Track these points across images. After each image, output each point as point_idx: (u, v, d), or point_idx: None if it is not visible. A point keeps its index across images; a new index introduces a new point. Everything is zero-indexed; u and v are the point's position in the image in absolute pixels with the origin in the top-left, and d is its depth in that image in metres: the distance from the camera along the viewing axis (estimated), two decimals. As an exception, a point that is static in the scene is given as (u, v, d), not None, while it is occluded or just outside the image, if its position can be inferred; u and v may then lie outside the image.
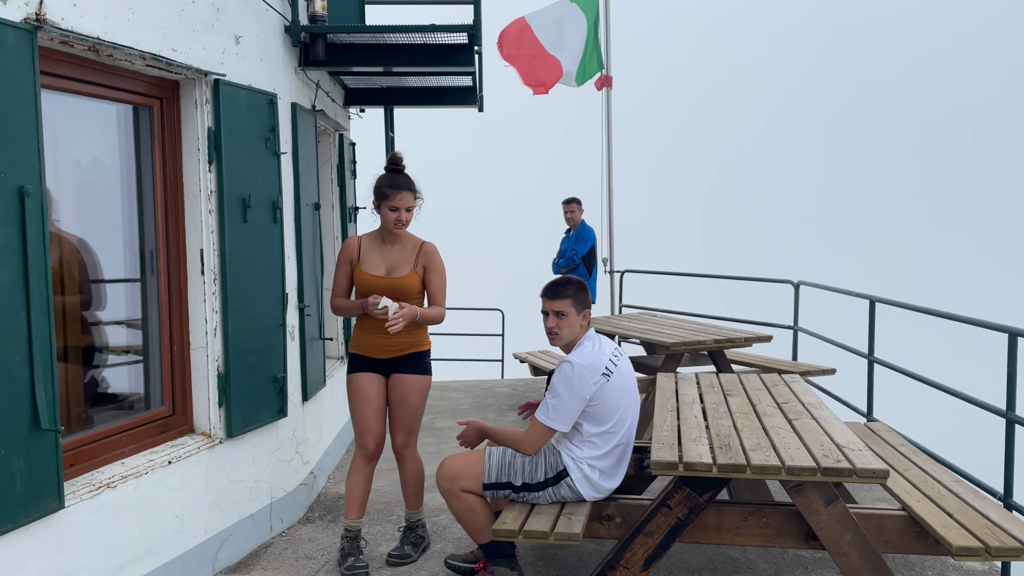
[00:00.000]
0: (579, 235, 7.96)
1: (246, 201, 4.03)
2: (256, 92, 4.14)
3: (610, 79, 9.45)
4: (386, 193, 3.76)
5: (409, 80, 6.23)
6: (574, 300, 3.52)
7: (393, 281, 3.80)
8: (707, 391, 4.59)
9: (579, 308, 3.52)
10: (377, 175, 3.88)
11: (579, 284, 3.57)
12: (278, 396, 4.36)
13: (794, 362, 7.09)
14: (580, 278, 3.66)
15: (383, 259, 3.84)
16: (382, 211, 3.79)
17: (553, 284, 3.58)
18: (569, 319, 3.52)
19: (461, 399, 8.13)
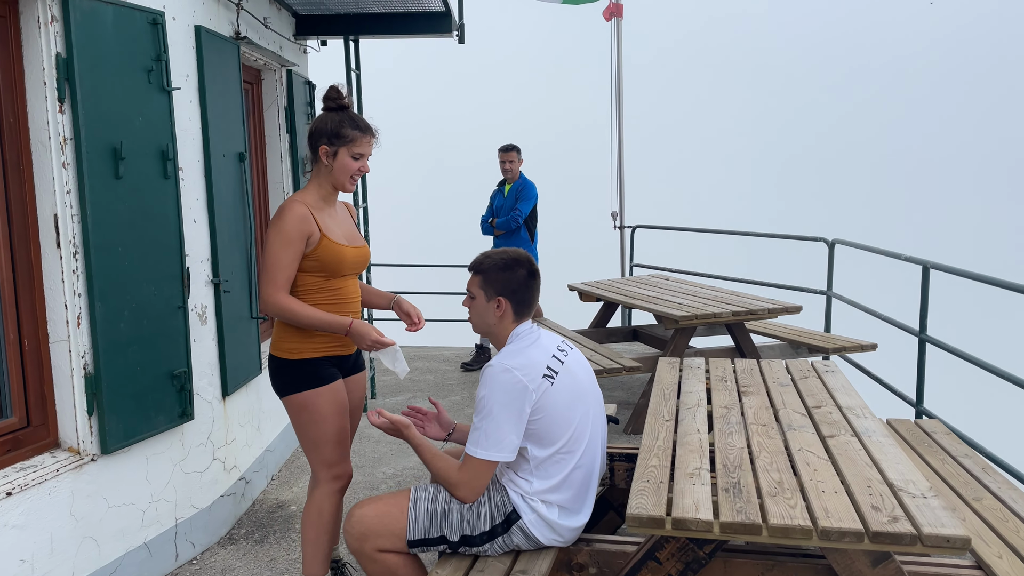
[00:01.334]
0: (521, 191, 6.76)
1: (117, 151, 3.13)
2: (131, 8, 3.21)
3: (620, 7, 8.36)
4: (351, 136, 2.86)
5: (370, 4, 5.25)
6: (483, 281, 2.66)
7: (360, 251, 2.99)
8: (717, 386, 3.67)
9: (489, 293, 2.65)
10: (319, 115, 2.94)
11: (499, 263, 2.66)
12: (179, 396, 3.52)
13: (827, 335, 6.13)
14: (518, 252, 2.73)
15: (336, 224, 2.94)
16: (338, 159, 2.88)
17: (476, 258, 2.74)
18: (476, 304, 2.69)
19: (448, 372, 7.30)
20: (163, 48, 3.36)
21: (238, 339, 4.13)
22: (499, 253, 2.70)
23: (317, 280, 2.90)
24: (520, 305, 2.67)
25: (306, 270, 2.88)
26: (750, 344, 5.74)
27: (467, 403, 6.27)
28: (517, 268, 2.67)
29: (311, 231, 2.83)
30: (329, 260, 2.87)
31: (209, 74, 3.82)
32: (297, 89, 5.36)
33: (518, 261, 2.68)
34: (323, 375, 2.89)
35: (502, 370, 2.54)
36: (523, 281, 2.66)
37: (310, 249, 2.84)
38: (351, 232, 3.03)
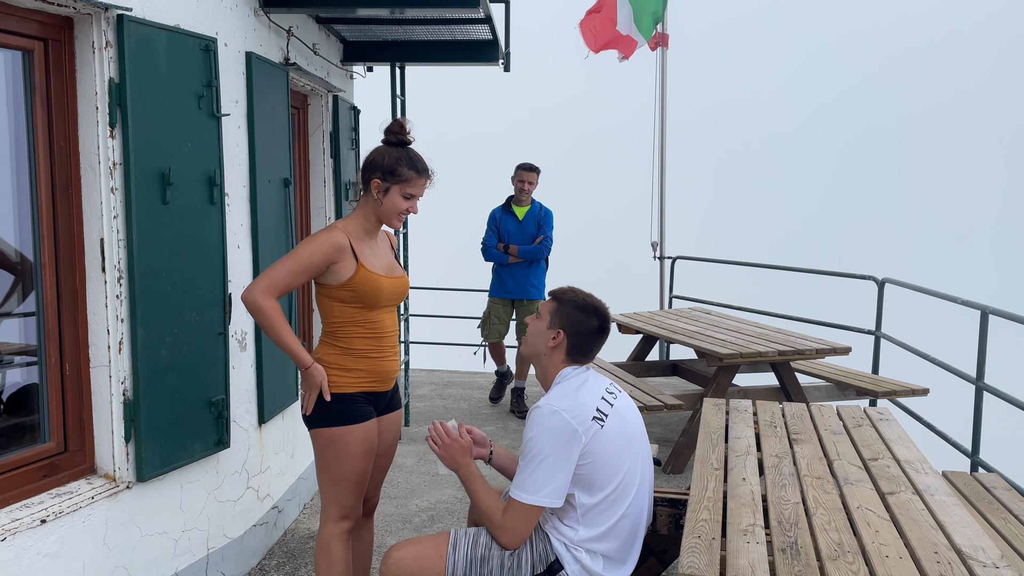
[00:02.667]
0: (544, 216, 6.37)
1: (166, 176, 3.12)
2: (184, 35, 3.21)
3: (666, 38, 8.31)
4: (405, 176, 2.82)
5: (418, 32, 5.26)
6: (556, 308, 2.62)
7: (399, 281, 2.95)
8: (766, 432, 3.54)
9: (555, 321, 2.58)
10: (377, 147, 2.90)
11: (579, 302, 2.62)
12: (216, 423, 3.48)
13: (876, 376, 5.95)
14: (602, 304, 2.69)
15: (375, 255, 2.90)
16: (389, 196, 2.84)
17: (562, 287, 2.71)
18: (538, 324, 2.65)
19: (482, 400, 7.22)
20: (214, 74, 3.37)
21: (276, 365, 4.09)
22: (585, 294, 2.65)
23: (355, 312, 2.85)
24: (576, 349, 2.61)
25: (344, 301, 2.83)
26: (796, 384, 5.58)
27: (501, 434, 6.17)
28: (592, 316, 2.61)
29: (339, 261, 2.78)
30: (366, 291, 2.82)
31: (258, 100, 3.82)
32: (343, 114, 5.36)
33: (597, 311, 2.62)
34: (357, 413, 2.83)
35: (550, 412, 2.47)
36: (591, 330, 2.60)
37: (346, 279, 2.80)
38: (390, 263, 2.98)
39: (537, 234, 6.36)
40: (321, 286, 2.85)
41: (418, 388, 7.57)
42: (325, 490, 2.89)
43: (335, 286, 2.83)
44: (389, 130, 2.84)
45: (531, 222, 6.38)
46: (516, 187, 6.38)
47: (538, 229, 6.37)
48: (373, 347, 2.90)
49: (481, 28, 5.08)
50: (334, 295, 2.84)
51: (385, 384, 2.97)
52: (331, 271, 2.80)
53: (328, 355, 2.87)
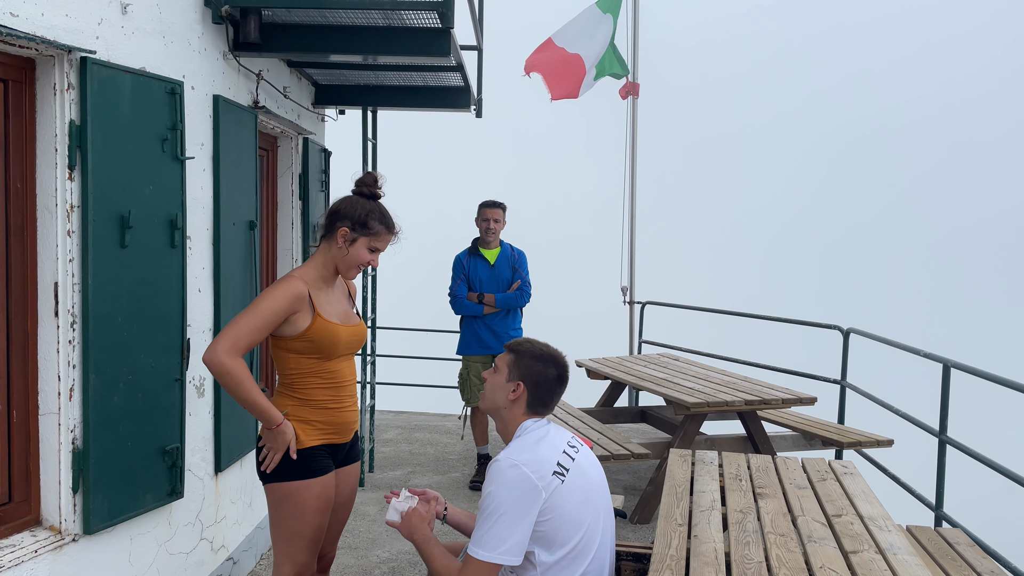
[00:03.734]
0: (518, 257, 5.80)
1: (125, 219, 3.07)
2: (150, 78, 3.19)
3: (636, 87, 8.45)
4: (375, 230, 2.81)
5: (390, 77, 5.28)
6: (514, 360, 2.58)
7: (356, 329, 2.90)
8: (732, 486, 3.51)
9: (513, 374, 2.56)
10: (348, 196, 2.87)
11: (536, 353, 2.60)
12: (169, 472, 3.37)
13: (841, 427, 5.97)
14: (559, 353, 2.66)
15: (331, 303, 2.85)
16: (355, 247, 2.81)
17: (518, 340, 2.68)
18: (496, 378, 2.60)
19: (450, 445, 7.12)
20: (179, 117, 3.34)
21: (235, 411, 4.00)
22: (542, 345, 2.62)
23: (312, 363, 2.80)
24: (536, 400, 2.58)
25: (301, 352, 2.78)
26: (762, 434, 5.58)
27: (466, 481, 6.07)
28: (551, 365, 2.58)
29: (300, 311, 2.73)
30: (323, 341, 2.77)
31: (224, 143, 3.79)
32: (312, 157, 5.35)
33: (556, 361, 2.60)
34: (316, 466, 2.76)
35: (510, 465, 2.42)
36: (550, 379, 2.57)
37: (302, 329, 2.74)
38: (346, 311, 2.94)
39: (513, 279, 5.74)
40: (276, 338, 2.79)
41: (384, 432, 7.46)
42: (279, 546, 2.80)
43: (291, 337, 2.77)
44: (362, 182, 2.83)
45: (505, 266, 5.74)
46: (481, 227, 5.74)
47: (513, 273, 5.76)
48: (332, 397, 2.84)
49: (453, 75, 5.11)
50: (290, 346, 2.78)
51: (344, 435, 2.91)
52: (288, 322, 2.75)
53: (285, 407, 2.80)
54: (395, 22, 3.84)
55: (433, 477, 6.17)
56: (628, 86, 8.46)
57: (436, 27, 3.85)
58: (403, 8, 3.61)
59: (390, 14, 3.70)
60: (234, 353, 2.63)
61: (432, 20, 3.78)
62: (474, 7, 4.86)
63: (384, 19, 3.79)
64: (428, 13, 3.69)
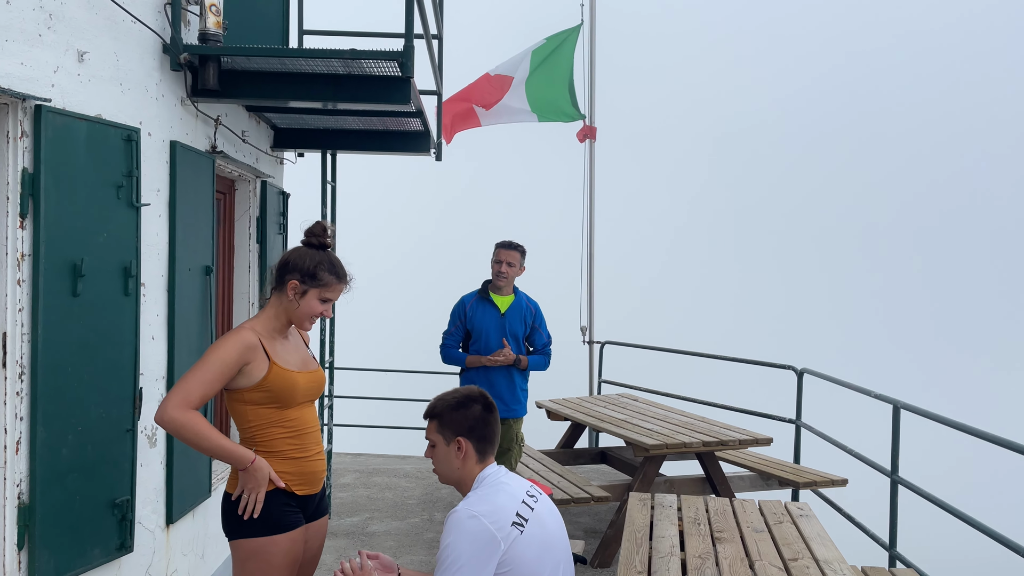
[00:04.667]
0: (536, 311, 5.13)
1: (78, 267, 3.02)
2: (105, 125, 3.17)
3: (594, 130, 8.61)
4: (325, 281, 2.79)
5: (350, 122, 5.31)
6: (440, 425, 2.58)
7: (314, 376, 2.88)
8: (691, 530, 3.54)
9: (448, 435, 2.57)
10: (297, 248, 2.86)
11: (452, 404, 2.61)
12: (119, 526, 3.29)
13: (797, 467, 6.06)
14: (470, 389, 2.67)
15: (287, 351, 2.83)
16: (306, 299, 2.79)
17: (429, 403, 2.66)
18: (438, 451, 2.60)
19: (409, 489, 7.04)
20: (135, 164, 3.32)
21: (188, 462, 3.92)
22: (451, 393, 2.63)
23: (271, 413, 2.77)
24: (481, 442, 2.59)
25: (259, 403, 2.75)
26: (720, 475, 5.64)
27: (427, 527, 6.01)
28: (471, 404, 2.59)
29: (251, 361, 2.71)
30: (281, 389, 2.75)
31: (181, 188, 3.77)
32: (271, 200, 5.34)
33: (471, 397, 2.61)
34: (285, 521, 2.71)
35: (468, 516, 2.42)
36: (480, 417, 2.58)
37: (259, 379, 2.72)
38: (304, 357, 2.92)
39: (524, 334, 5.04)
40: (232, 391, 2.76)
41: (341, 476, 7.35)
42: None
43: (248, 388, 2.74)
44: (311, 232, 2.83)
45: (516, 318, 5.00)
46: (493, 270, 5.02)
47: (528, 331, 5.05)
48: (296, 446, 2.80)
49: (413, 120, 5.16)
50: (247, 398, 2.75)
51: (314, 486, 2.86)
52: (243, 373, 2.72)
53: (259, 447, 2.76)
54: (355, 70, 3.88)
55: (391, 523, 6.09)
56: (585, 129, 8.62)
57: (396, 75, 3.90)
58: (363, 58, 3.66)
59: (350, 63, 3.74)
60: (186, 407, 2.59)
61: (392, 69, 3.82)
62: (433, 54, 4.93)
63: (344, 67, 3.83)
64: (388, 62, 3.74)
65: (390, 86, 3.97)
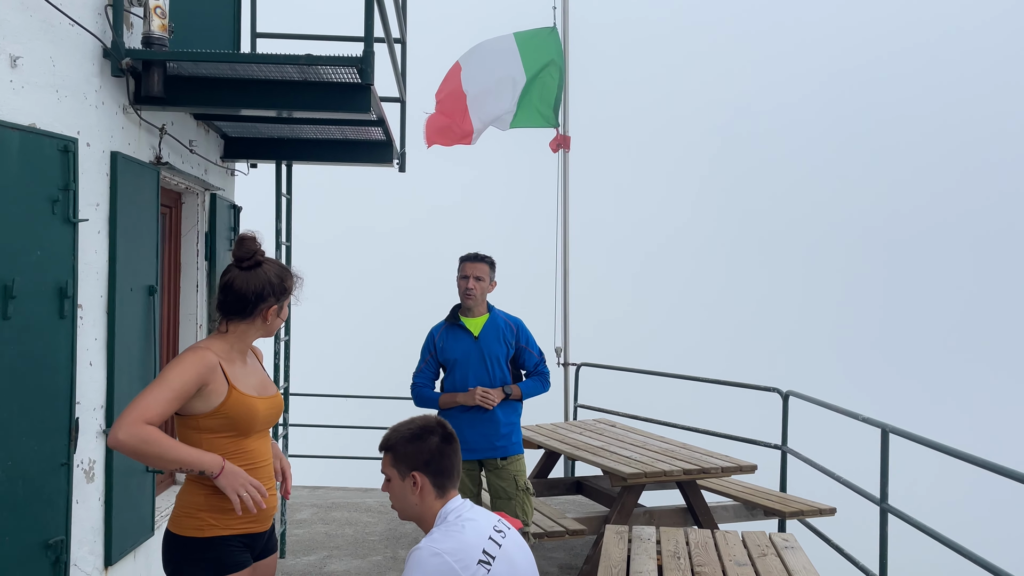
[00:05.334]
0: (518, 328, 4.72)
1: (8, 289, 2.98)
2: (40, 135, 3.14)
3: (567, 139, 8.68)
4: (291, 285, 2.91)
5: (306, 130, 5.31)
6: (394, 458, 2.57)
7: (274, 401, 2.89)
8: (669, 564, 3.56)
9: (403, 470, 2.57)
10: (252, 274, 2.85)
11: (407, 436, 2.59)
12: (52, 569, 3.23)
13: (783, 495, 6.12)
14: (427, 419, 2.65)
15: (245, 375, 2.82)
16: (283, 312, 2.91)
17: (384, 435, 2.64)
18: (393, 487, 2.59)
19: (371, 524, 6.98)
20: (72, 177, 3.29)
21: (129, 497, 3.87)
22: (406, 424, 2.62)
23: (227, 442, 2.75)
24: (439, 476, 2.57)
25: (214, 431, 2.73)
26: (703, 505, 5.67)
27: (391, 565, 5.96)
28: (428, 436, 2.58)
29: (211, 383, 2.70)
30: (240, 415, 2.73)
31: (123, 203, 3.74)
32: (220, 214, 5.31)
33: (427, 428, 2.60)
34: (232, 561, 2.69)
35: (432, 554, 2.41)
36: (437, 449, 2.58)
37: (217, 404, 2.70)
38: (262, 381, 2.92)
39: (508, 355, 4.65)
40: (186, 417, 2.73)
41: (298, 512, 7.28)
42: None
43: (204, 414, 2.72)
44: (241, 257, 2.80)
45: (493, 339, 4.62)
46: (460, 287, 4.65)
47: (513, 351, 4.67)
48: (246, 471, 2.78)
49: (374, 129, 5.18)
50: (202, 425, 2.73)
51: (264, 523, 2.85)
52: (200, 396, 2.70)
53: (197, 497, 2.72)
54: (311, 77, 3.89)
55: (352, 562, 6.03)
56: (559, 139, 8.69)
57: (355, 82, 3.91)
58: (320, 63, 3.66)
59: (306, 69, 3.75)
60: (144, 422, 2.54)
61: (351, 75, 3.83)
62: (396, 59, 4.95)
63: (300, 74, 3.84)
64: (347, 68, 3.75)
65: (349, 93, 3.98)
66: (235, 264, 2.83)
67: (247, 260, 2.81)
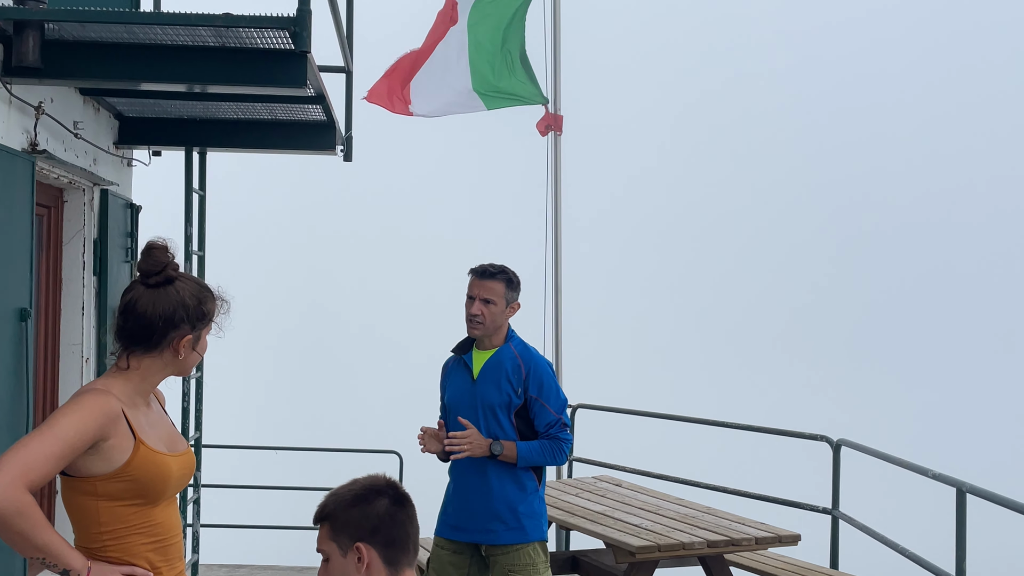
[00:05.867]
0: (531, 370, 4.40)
1: None
2: None
3: (559, 119, 8.71)
4: (212, 311, 2.86)
5: (224, 109, 5.32)
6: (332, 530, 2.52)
7: (186, 460, 2.88)
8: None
9: (344, 543, 2.54)
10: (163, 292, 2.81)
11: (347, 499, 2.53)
12: None
13: (835, 572, 6.13)
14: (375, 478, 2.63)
15: (152, 426, 2.80)
16: (200, 345, 2.85)
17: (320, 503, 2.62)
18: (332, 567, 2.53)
19: (308, 614, 6.94)
20: (-79, 170, 3.26)
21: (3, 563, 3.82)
22: (346, 486, 2.59)
23: (132, 513, 2.70)
24: (390, 547, 2.57)
25: (116, 497, 2.68)
26: (732, 588, 5.68)
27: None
28: (375, 498, 2.55)
29: (112, 437, 2.65)
30: (149, 478, 2.69)
31: (-14, 203, 3.72)
32: (114, 215, 5.30)
33: (374, 488, 2.56)
34: None
35: None
36: (386, 513, 2.57)
37: (120, 464, 2.66)
38: (170, 433, 2.89)
39: (510, 405, 4.38)
40: (78, 480, 2.68)
41: (213, 598, 7.22)
42: None
43: (102, 476, 2.67)
44: (148, 272, 2.78)
45: (491, 380, 4.40)
46: (465, 311, 4.48)
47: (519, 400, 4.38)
48: (160, 560, 2.76)
49: (312, 108, 5.18)
50: (100, 490, 2.68)
51: None
52: (97, 453, 2.64)
53: None
54: (231, 41, 3.90)
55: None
56: (548, 118, 8.72)
57: (288, 49, 3.92)
58: (242, 25, 3.67)
59: (224, 32, 3.76)
60: (24, 487, 2.48)
61: (282, 40, 3.84)
62: (340, 21, 4.96)
63: (216, 38, 3.84)
64: (276, 31, 3.76)
65: (279, 62, 4.00)
66: (140, 280, 2.80)
67: (155, 275, 2.78)
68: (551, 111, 8.71)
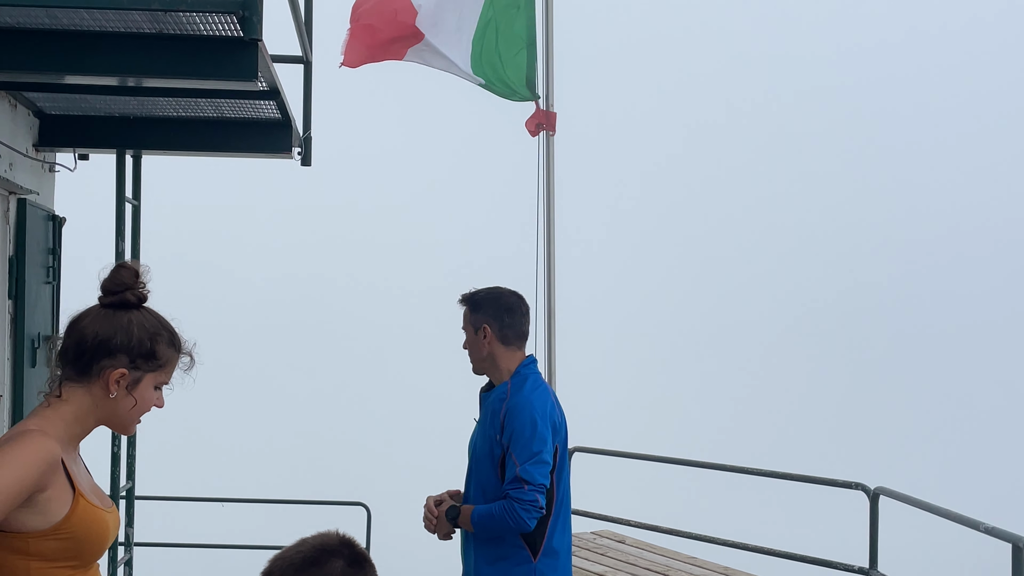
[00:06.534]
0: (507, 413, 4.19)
1: None
2: None
3: (552, 117, 8.75)
4: (164, 358, 2.79)
5: (162, 105, 5.32)
6: None
7: (116, 517, 2.87)
8: None
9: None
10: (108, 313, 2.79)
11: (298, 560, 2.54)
12: None
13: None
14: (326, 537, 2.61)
15: (83, 475, 2.81)
16: (140, 390, 2.76)
17: None
18: None
19: None
20: None
21: None
22: (294, 547, 2.55)
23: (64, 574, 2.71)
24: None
25: (49, 558, 2.67)
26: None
27: None
28: (327, 560, 2.52)
29: (51, 486, 2.62)
30: (89, 535, 2.70)
31: None
32: (34, 229, 5.28)
33: (326, 550, 2.53)
34: None
35: None
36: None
37: (59, 519, 2.65)
38: (94, 486, 2.89)
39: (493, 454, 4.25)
40: (9, 536, 2.66)
41: (147, 674, 7.17)
42: None
43: (37, 533, 2.66)
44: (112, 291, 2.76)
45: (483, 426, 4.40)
46: None
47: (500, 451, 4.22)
48: None
49: (265, 104, 5.18)
50: (33, 549, 2.66)
51: None
52: (34, 507, 2.63)
53: None
54: (170, 28, 3.91)
55: None
56: (539, 115, 8.75)
57: (236, 36, 3.92)
58: (183, 9, 3.67)
59: (161, 17, 3.76)
60: None
61: (229, 26, 3.85)
62: (297, 3, 4.96)
63: (152, 24, 3.85)
64: (222, 16, 3.76)
65: (226, 52, 4.02)
66: (99, 298, 2.80)
67: (112, 295, 2.77)
68: (543, 107, 8.74)
